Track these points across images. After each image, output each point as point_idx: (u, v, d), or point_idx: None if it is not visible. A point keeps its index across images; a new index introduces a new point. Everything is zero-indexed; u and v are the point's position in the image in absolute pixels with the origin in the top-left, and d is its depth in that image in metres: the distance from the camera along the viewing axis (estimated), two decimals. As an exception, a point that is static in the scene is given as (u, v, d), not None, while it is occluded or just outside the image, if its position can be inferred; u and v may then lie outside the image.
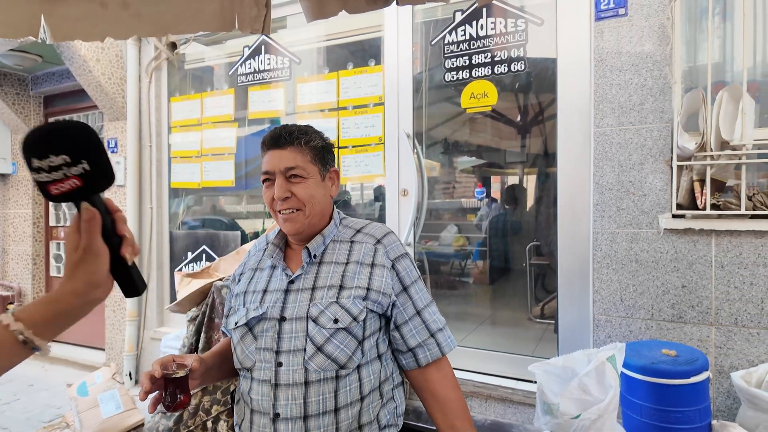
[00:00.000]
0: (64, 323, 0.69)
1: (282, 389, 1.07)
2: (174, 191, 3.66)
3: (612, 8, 2.08)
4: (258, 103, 3.22)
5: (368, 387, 1.12)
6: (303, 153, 1.17)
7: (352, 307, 1.09)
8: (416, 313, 1.18)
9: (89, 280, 0.69)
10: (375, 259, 1.16)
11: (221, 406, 2.30)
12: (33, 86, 4.67)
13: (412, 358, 1.18)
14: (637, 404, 1.64)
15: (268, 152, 1.18)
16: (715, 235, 1.91)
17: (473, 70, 2.49)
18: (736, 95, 1.85)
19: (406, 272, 1.19)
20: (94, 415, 2.76)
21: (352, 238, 1.22)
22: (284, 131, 1.17)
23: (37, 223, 4.73)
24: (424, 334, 1.18)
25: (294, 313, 1.11)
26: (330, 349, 1.07)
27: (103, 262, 0.69)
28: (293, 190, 1.15)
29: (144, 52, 3.60)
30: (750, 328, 1.86)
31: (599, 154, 2.13)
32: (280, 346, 1.09)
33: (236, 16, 1.70)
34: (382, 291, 1.13)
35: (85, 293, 0.69)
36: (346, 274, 1.14)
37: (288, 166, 1.15)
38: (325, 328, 1.08)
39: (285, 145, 1.16)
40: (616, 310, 2.09)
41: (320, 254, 1.18)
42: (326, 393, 1.07)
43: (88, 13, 1.70)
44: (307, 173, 1.17)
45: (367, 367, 1.12)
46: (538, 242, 2.65)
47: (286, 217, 1.15)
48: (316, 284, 1.14)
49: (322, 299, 1.11)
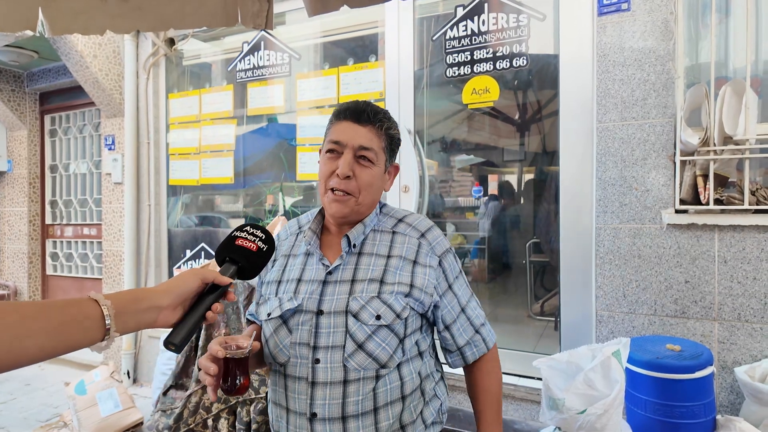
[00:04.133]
0: (124, 321, 0.72)
1: (319, 388, 1.01)
2: (172, 188, 3.63)
3: (615, 3, 2.08)
4: (257, 100, 3.20)
5: (410, 386, 1.06)
6: (380, 137, 1.10)
7: (394, 303, 1.03)
8: (461, 310, 1.14)
9: (174, 298, 0.79)
10: (418, 255, 1.10)
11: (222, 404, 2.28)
12: (29, 83, 4.63)
13: (459, 357, 1.15)
14: (642, 399, 1.63)
15: (342, 122, 1.09)
16: (718, 230, 1.91)
17: (475, 66, 2.48)
18: (739, 90, 1.85)
19: (451, 269, 1.14)
20: (93, 413, 2.74)
21: (393, 228, 1.15)
22: (369, 108, 1.09)
23: (33, 222, 4.69)
24: (470, 331, 1.14)
25: (332, 306, 1.04)
26: (371, 347, 1.01)
27: (190, 292, 0.82)
28: (357, 172, 1.07)
29: (142, 48, 3.57)
30: (753, 323, 1.87)
31: (602, 149, 2.12)
32: (317, 341, 1.03)
33: (239, 11, 1.68)
34: (424, 289, 1.07)
35: (158, 304, 0.76)
36: (388, 269, 1.07)
37: (363, 145, 1.07)
38: (367, 325, 1.01)
39: (365, 122, 1.08)
40: (619, 306, 2.09)
41: (359, 244, 1.11)
42: (366, 392, 1.01)
43: (87, 6, 1.68)
44: (377, 160, 1.09)
45: (407, 365, 1.06)
46: (538, 239, 2.65)
47: (338, 197, 1.07)
48: (356, 276, 1.07)
49: (363, 293, 1.04)
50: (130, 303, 0.73)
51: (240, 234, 0.96)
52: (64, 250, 4.65)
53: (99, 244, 4.35)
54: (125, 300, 0.73)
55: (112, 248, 3.83)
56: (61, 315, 0.65)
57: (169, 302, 0.78)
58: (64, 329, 0.64)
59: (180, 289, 0.80)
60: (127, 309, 0.72)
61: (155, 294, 0.77)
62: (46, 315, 0.63)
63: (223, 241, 0.96)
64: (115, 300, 0.71)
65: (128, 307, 0.72)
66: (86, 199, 4.51)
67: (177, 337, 0.79)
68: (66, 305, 0.66)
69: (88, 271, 4.47)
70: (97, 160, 4.42)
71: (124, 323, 0.71)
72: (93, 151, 4.48)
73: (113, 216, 3.82)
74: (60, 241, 4.67)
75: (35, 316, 0.62)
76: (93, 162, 4.47)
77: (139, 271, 3.62)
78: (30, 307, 0.63)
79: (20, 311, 0.61)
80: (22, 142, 4.67)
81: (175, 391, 2.41)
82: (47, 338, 0.62)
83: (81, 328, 0.66)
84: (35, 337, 0.61)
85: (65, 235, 4.63)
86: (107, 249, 3.86)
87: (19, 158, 4.69)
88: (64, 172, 4.68)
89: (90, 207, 4.48)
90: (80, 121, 4.56)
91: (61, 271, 4.66)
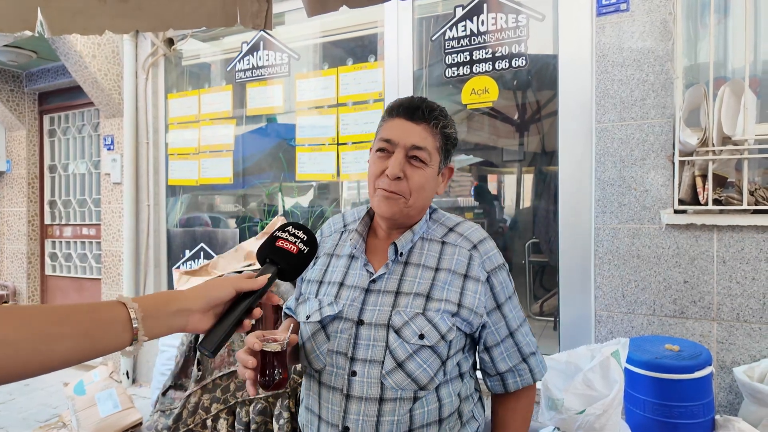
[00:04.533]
0: (153, 324, 0.71)
1: (354, 402, 0.96)
2: (171, 189, 3.63)
3: (614, 3, 2.08)
4: (256, 100, 3.20)
5: (448, 409, 1.00)
6: (434, 136, 1.02)
7: (440, 323, 0.96)
8: (509, 334, 1.06)
9: (205, 304, 0.77)
10: (469, 269, 1.02)
11: (221, 404, 2.28)
12: (27, 83, 4.63)
13: (500, 383, 1.08)
14: (641, 399, 1.64)
15: (395, 119, 1.03)
16: (717, 230, 1.91)
17: (474, 66, 2.48)
18: (737, 90, 1.85)
19: (502, 287, 1.05)
20: (92, 414, 2.74)
21: (443, 237, 1.07)
22: (424, 104, 1.02)
23: (32, 222, 4.69)
24: (515, 358, 1.06)
25: (374, 317, 0.98)
26: (411, 368, 0.95)
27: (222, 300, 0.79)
28: (408, 173, 1.00)
29: (141, 48, 3.57)
30: (752, 323, 1.87)
31: (601, 149, 2.12)
32: (355, 352, 0.97)
33: (238, 11, 1.68)
34: (474, 310, 1.00)
35: (188, 308, 0.75)
36: (436, 284, 1.00)
37: (415, 144, 1.00)
38: (409, 343, 0.95)
39: (419, 120, 1.01)
40: (618, 306, 2.09)
41: (407, 253, 1.05)
42: (402, 413, 0.95)
43: (86, 6, 1.67)
44: (430, 160, 1.02)
45: (446, 387, 1.00)
46: (537, 239, 2.65)
47: (387, 195, 1.00)
48: (401, 288, 1.01)
49: (407, 308, 0.98)
50: (160, 306, 0.72)
51: (281, 234, 0.92)
52: (63, 250, 4.65)
53: (98, 245, 4.35)
54: (154, 303, 0.71)
55: (111, 248, 3.82)
56: (88, 319, 0.64)
57: (200, 306, 0.76)
58: (91, 333, 0.63)
59: (212, 295, 0.78)
60: (157, 312, 0.71)
61: (186, 297, 0.75)
62: (73, 319, 0.62)
63: (265, 240, 0.93)
64: (143, 303, 0.69)
65: (157, 310, 0.71)
66: (85, 200, 4.50)
67: (211, 342, 0.77)
68: (94, 309, 0.66)
69: (87, 271, 4.47)
70: (96, 160, 4.41)
71: (153, 327, 0.70)
72: (92, 151, 4.47)
73: (112, 216, 3.81)
74: (59, 241, 4.67)
75: (62, 320, 0.61)
76: (92, 162, 4.47)
77: (138, 271, 3.61)
78: (57, 310, 0.62)
79: (47, 315, 0.60)
80: (20, 142, 4.66)
81: (174, 391, 2.41)
82: (74, 342, 0.61)
83: (109, 331, 0.65)
84: (63, 341, 0.60)
85: (64, 236, 4.62)
86: (106, 249, 3.86)
87: (18, 158, 4.68)
88: (63, 172, 4.67)
89: (89, 207, 4.48)
90: (79, 121, 4.55)
91: (60, 272, 4.66)
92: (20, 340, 0.57)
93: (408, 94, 2.64)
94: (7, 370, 0.56)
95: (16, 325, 0.57)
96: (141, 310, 0.68)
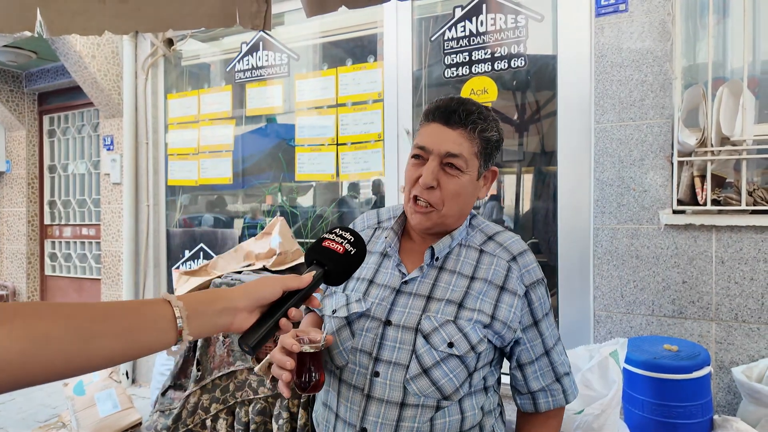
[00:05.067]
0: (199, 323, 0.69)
1: (374, 403, 0.94)
2: (171, 189, 3.63)
3: (612, 4, 2.08)
4: (256, 100, 3.20)
5: (470, 422, 0.97)
6: (472, 142, 0.98)
7: (471, 333, 0.94)
8: (545, 352, 1.03)
9: (253, 302, 0.75)
10: (507, 281, 0.99)
11: (220, 404, 2.28)
12: (27, 83, 4.63)
13: (530, 402, 1.05)
14: (639, 399, 1.64)
15: (431, 124, 1.00)
16: (716, 230, 1.92)
17: (473, 67, 2.49)
18: (736, 91, 1.86)
19: (540, 303, 1.02)
20: (91, 414, 2.74)
21: (481, 245, 1.04)
22: (461, 108, 0.98)
23: (31, 222, 4.69)
24: (549, 377, 1.03)
25: (402, 319, 0.96)
26: (437, 375, 0.92)
27: (270, 299, 0.76)
28: (442, 182, 0.97)
29: (140, 48, 3.57)
30: (750, 323, 1.87)
31: (600, 150, 2.13)
32: (380, 353, 0.95)
33: (237, 11, 1.68)
34: (507, 324, 0.97)
35: (234, 306, 0.72)
36: (470, 293, 0.97)
37: (450, 152, 0.96)
38: (437, 350, 0.92)
39: (455, 125, 0.97)
40: (617, 306, 2.09)
41: (443, 257, 1.02)
42: (423, 421, 0.93)
43: (86, 6, 1.68)
44: (467, 167, 0.98)
45: (470, 399, 0.97)
46: (536, 240, 2.65)
47: (419, 209, 0.98)
48: (433, 293, 0.98)
49: (438, 314, 0.95)
50: (205, 304, 0.70)
51: (328, 236, 0.91)
52: (62, 250, 4.65)
53: (98, 245, 4.35)
54: (199, 301, 0.69)
55: (111, 248, 3.83)
56: (131, 316, 0.62)
57: (247, 305, 0.74)
58: (135, 331, 0.62)
59: (259, 294, 0.75)
60: (202, 310, 0.69)
61: (232, 296, 0.73)
62: (116, 316, 0.61)
63: (312, 243, 0.92)
64: (188, 301, 0.68)
65: (203, 308, 0.69)
66: (85, 200, 4.51)
67: (251, 339, 0.74)
68: (137, 306, 0.64)
69: (87, 271, 4.47)
70: (95, 161, 4.41)
71: (198, 325, 0.68)
72: (91, 152, 4.48)
73: (112, 216, 3.82)
74: (58, 241, 4.67)
75: (105, 317, 0.60)
76: (91, 162, 4.47)
77: (138, 271, 3.62)
78: (100, 308, 0.60)
79: (90, 312, 0.59)
80: (20, 143, 4.67)
81: (174, 391, 2.41)
82: (117, 340, 0.60)
83: (153, 330, 0.63)
84: (105, 339, 0.59)
85: (64, 236, 4.63)
86: (106, 249, 3.86)
87: (17, 158, 4.69)
88: (63, 172, 4.67)
89: (89, 207, 4.48)
90: (79, 122, 4.56)
91: (60, 272, 4.66)
92: (63, 337, 0.55)
93: (407, 95, 2.66)
94: (49, 367, 0.54)
95: (60, 322, 0.56)
96: (186, 309, 0.66)
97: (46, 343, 0.54)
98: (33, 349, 0.52)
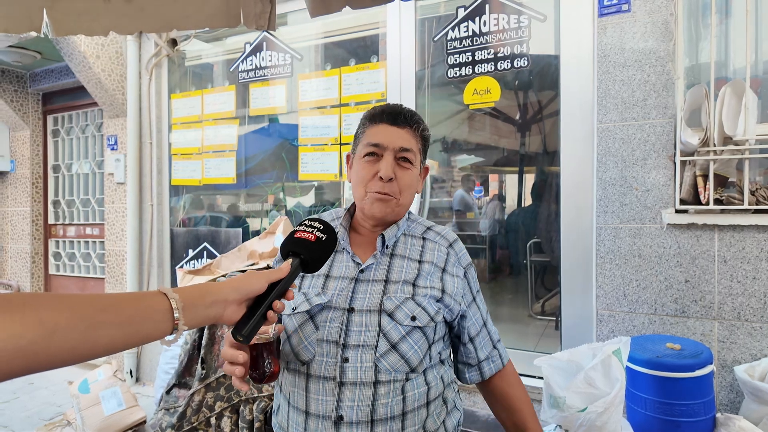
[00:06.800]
0: (192, 314, 0.74)
1: (348, 388, 0.97)
2: (175, 188, 3.65)
3: (615, 4, 2.09)
4: (259, 100, 3.21)
5: (435, 392, 1.05)
6: (416, 139, 1.10)
7: (428, 306, 1.03)
8: (483, 324, 1.16)
9: (241, 295, 0.80)
10: (447, 264, 1.11)
11: (224, 402, 2.30)
12: (31, 83, 4.65)
13: (477, 372, 1.16)
14: (642, 398, 1.64)
15: (379, 125, 1.09)
16: (718, 230, 1.92)
17: (476, 67, 2.50)
18: (738, 91, 1.86)
19: (474, 281, 1.16)
20: (96, 412, 2.76)
21: (423, 234, 1.16)
22: (404, 110, 1.10)
23: (35, 221, 4.71)
24: (489, 345, 1.17)
25: (365, 304, 1.02)
26: (404, 348, 1.00)
27: (256, 292, 0.81)
28: (398, 174, 1.07)
29: (144, 48, 3.59)
30: (753, 322, 1.87)
31: (602, 149, 2.13)
32: (347, 339, 0.99)
33: (241, 11, 1.69)
34: (454, 297, 1.08)
35: (225, 299, 0.78)
36: (421, 273, 1.08)
37: (404, 147, 1.07)
38: (402, 325, 1.00)
39: (403, 125, 1.09)
40: (620, 305, 2.10)
41: (392, 245, 1.12)
42: (395, 395, 0.98)
43: (91, 7, 1.69)
44: (415, 161, 1.10)
45: (432, 371, 1.06)
46: (539, 239, 2.66)
47: (381, 197, 1.06)
48: (389, 277, 1.07)
49: (397, 293, 1.03)
50: (198, 297, 0.75)
51: (299, 228, 0.96)
52: (66, 249, 4.67)
53: (101, 244, 4.37)
54: (193, 294, 0.75)
55: (115, 248, 3.84)
56: (132, 307, 0.67)
57: (236, 297, 0.79)
58: (134, 321, 0.66)
59: (247, 287, 0.81)
60: (196, 302, 0.74)
61: (222, 289, 0.78)
62: (118, 307, 0.65)
63: (287, 236, 0.97)
64: (183, 294, 0.73)
65: (196, 300, 0.74)
66: (89, 199, 4.53)
67: (245, 329, 0.80)
68: (137, 298, 0.69)
69: (91, 270, 4.49)
70: (99, 160, 4.43)
71: (192, 317, 0.73)
72: (95, 152, 4.49)
73: (116, 216, 3.83)
74: (62, 240, 4.69)
75: (108, 307, 0.64)
76: (95, 162, 4.49)
77: (142, 271, 3.63)
78: (103, 298, 0.65)
79: (94, 303, 0.63)
80: (24, 142, 4.69)
81: (178, 389, 2.42)
82: (118, 330, 0.64)
83: (151, 320, 0.68)
84: (108, 329, 0.63)
85: (68, 235, 4.65)
86: (110, 249, 3.88)
87: (21, 158, 4.71)
88: (67, 172, 4.69)
89: (92, 207, 4.50)
90: (83, 122, 4.57)
91: (64, 271, 4.68)
92: (70, 326, 0.59)
93: (410, 95, 2.67)
94: (57, 355, 0.58)
95: (66, 312, 0.59)
96: (181, 300, 0.71)
97: (54, 332, 0.57)
98: (43, 338, 0.56)
